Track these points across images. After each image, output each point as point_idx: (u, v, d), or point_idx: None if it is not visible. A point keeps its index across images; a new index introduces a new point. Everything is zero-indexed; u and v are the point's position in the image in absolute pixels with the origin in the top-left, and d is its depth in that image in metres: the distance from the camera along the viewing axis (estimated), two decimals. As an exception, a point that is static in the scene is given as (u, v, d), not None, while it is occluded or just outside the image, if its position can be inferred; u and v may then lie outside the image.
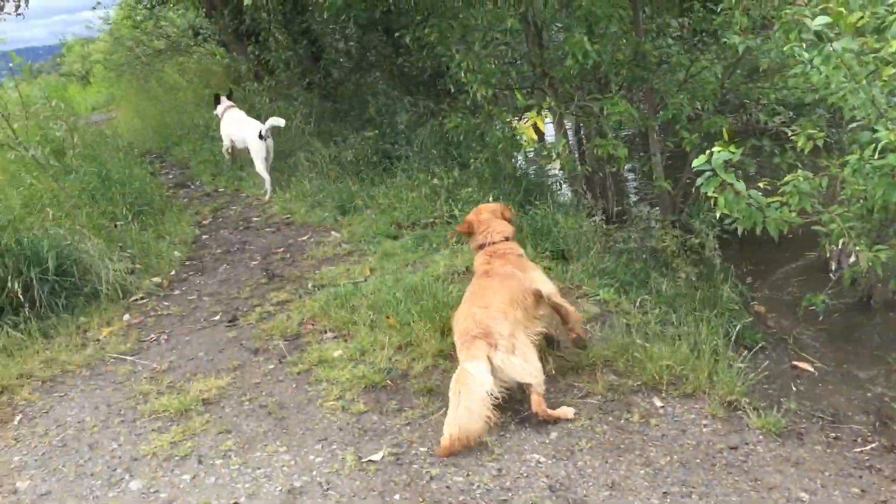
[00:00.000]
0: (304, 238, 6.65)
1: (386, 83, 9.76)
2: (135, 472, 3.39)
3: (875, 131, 3.50)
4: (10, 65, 6.22)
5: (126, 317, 5.18)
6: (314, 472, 3.26)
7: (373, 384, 3.91)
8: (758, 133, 6.27)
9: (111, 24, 18.51)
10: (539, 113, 4.94)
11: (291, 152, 8.73)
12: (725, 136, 3.69)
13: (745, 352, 4.26)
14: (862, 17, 3.46)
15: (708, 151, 3.55)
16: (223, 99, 9.01)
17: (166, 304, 5.42)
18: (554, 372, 3.95)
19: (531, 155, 6.08)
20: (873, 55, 3.45)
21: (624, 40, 6.27)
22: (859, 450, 3.41)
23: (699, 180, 3.66)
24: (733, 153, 3.48)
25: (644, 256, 5.51)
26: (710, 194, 3.65)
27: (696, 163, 3.60)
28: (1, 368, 4.40)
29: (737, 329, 4.40)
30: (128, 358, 4.58)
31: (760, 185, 3.78)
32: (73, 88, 21.42)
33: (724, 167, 3.56)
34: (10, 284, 4.85)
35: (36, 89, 6.91)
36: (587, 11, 5.72)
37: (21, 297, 4.86)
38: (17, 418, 3.98)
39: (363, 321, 4.57)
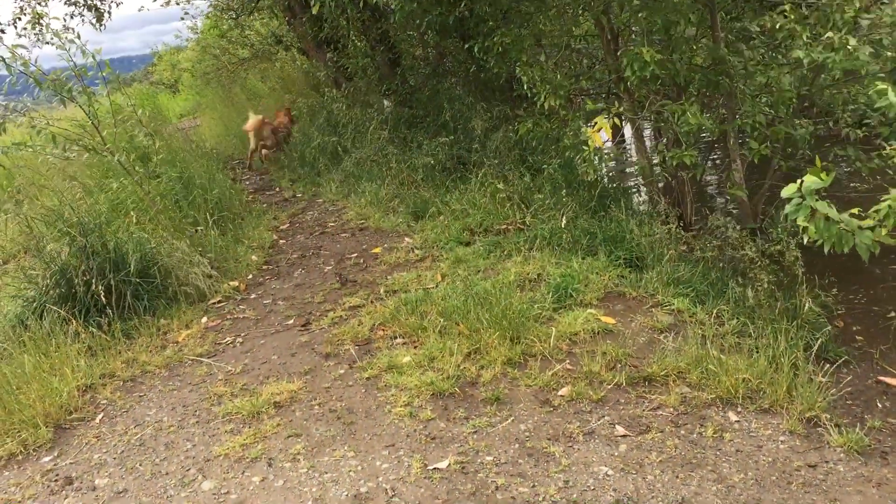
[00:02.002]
0: (378, 243, 6.71)
1: (462, 89, 9.78)
2: (207, 472, 3.48)
3: None
4: (102, 73, 6.46)
5: (204, 320, 5.33)
6: (380, 478, 3.28)
7: (441, 391, 3.91)
8: (842, 140, 6.01)
9: (199, 33, 19.12)
10: (608, 117, 4.85)
11: (367, 158, 8.83)
12: (817, 163, 3.56)
13: (828, 366, 4.09)
14: None
15: (799, 180, 3.42)
16: None
17: (242, 307, 5.55)
18: (624, 383, 3.88)
19: (585, 166, 5.97)
20: None
21: (698, 45, 6.11)
22: (949, 472, 3.23)
23: (787, 208, 3.54)
24: (824, 181, 3.35)
25: (721, 265, 5.36)
26: (799, 223, 3.52)
27: (785, 192, 3.48)
28: (85, 368, 4.57)
29: (819, 342, 4.24)
30: (204, 360, 4.70)
31: (855, 210, 3.62)
32: (163, 96, 22.21)
33: (815, 196, 3.42)
34: (95, 286, 5.04)
35: (122, 97, 7.14)
36: (650, 22, 5.62)
37: (105, 298, 5.04)
38: (99, 417, 4.14)
39: (433, 327, 4.58)
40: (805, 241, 3.59)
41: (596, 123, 4.85)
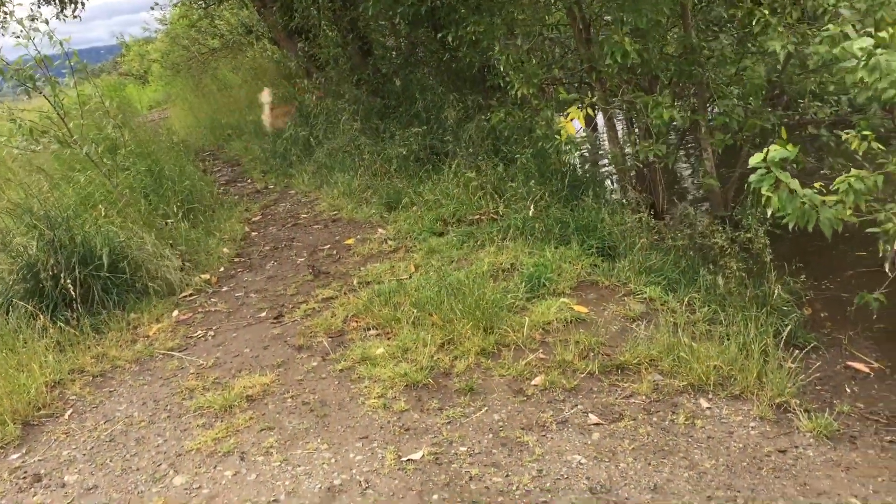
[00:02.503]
0: (351, 234, 6.67)
1: (434, 79, 9.75)
2: (178, 467, 3.45)
3: None
4: (69, 62, 6.35)
5: (175, 313, 5.28)
6: (353, 471, 3.27)
7: (414, 382, 3.90)
8: (814, 125, 6.07)
9: (168, 24, 18.88)
10: (581, 107, 4.87)
11: (340, 149, 8.79)
12: (783, 135, 3.61)
13: (797, 352, 4.13)
14: None
15: (765, 149, 3.46)
16: None
17: (214, 300, 5.50)
18: (597, 371, 3.90)
19: (567, 150, 5.94)
20: None
21: (670, 34, 6.14)
22: (915, 455, 3.29)
23: (752, 177, 3.57)
24: (790, 151, 3.38)
25: (692, 253, 5.39)
26: (763, 192, 3.56)
27: (752, 160, 3.51)
28: (54, 363, 4.50)
29: (788, 328, 4.28)
30: (175, 354, 4.66)
31: (816, 185, 3.66)
32: (132, 87, 21.94)
33: (781, 166, 3.46)
34: (63, 280, 4.97)
35: (90, 88, 7.02)
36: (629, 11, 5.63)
37: (74, 293, 4.97)
38: (68, 412, 4.08)
39: (406, 319, 4.57)
40: (769, 213, 3.63)
41: (569, 114, 4.87)
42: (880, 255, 3.80)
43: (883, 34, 3.33)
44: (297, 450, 3.47)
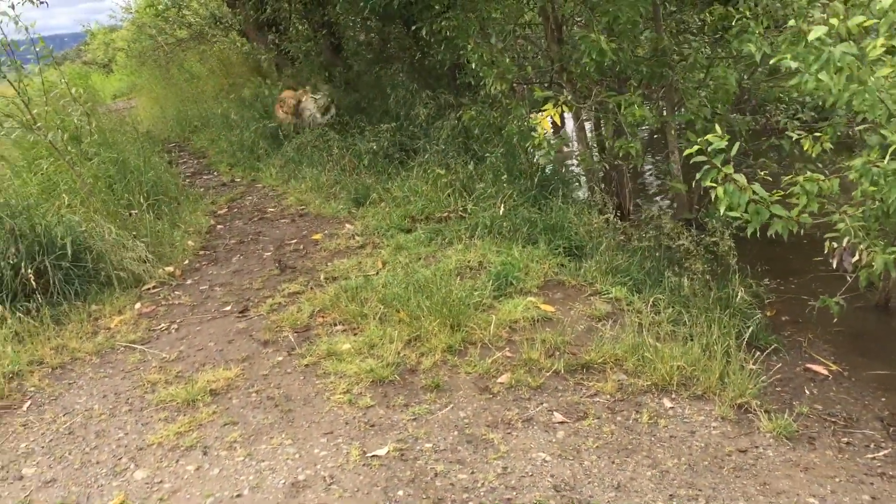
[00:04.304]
0: (318, 229, 6.63)
1: (405, 75, 9.73)
2: (140, 461, 3.40)
3: (883, 136, 3.44)
4: (35, 48, 6.23)
5: (137, 305, 5.20)
6: (318, 466, 3.25)
7: (380, 378, 3.89)
8: (777, 133, 6.18)
9: (133, 13, 18.57)
10: (556, 106, 4.90)
11: (308, 143, 8.73)
12: (717, 129, 3.68)
13: (758, 353, 4.20)
14: (864, 20, 3.40)
15: (701, 139, 3.52)
16: None
17: (178, 293, 5.43)
18: (563, 370, 3.92)
19: (542, 150, 5.96)
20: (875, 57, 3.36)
21: (643, 35, 6.20)
22: (871, 456, 3.36)
23: (699, 174, 3.64)
24: (723, 141, 3.44)
25: (658, 255, 5.45)
26: (708, 184, 3.62)
27: (686, 151, 3.57)
28: (12, 354, 4.41)
29: (750, 330, 4.35)
30: (138, 347, 4.59)
31: (760, 176, 3.73)
32: (96, 76, 21.56)
33: (722, 160, 3.52)
34: (23, 270, 4.87)
35: (55, 76, 6.90)
36: (604, 11, 5.67)
37: (34, 283, 4.87)
38: (26, 405, 4.00)
39: (373, 315, 4.55)
40: (721, 210, 3.68)
41: (545, 111, 4.90)
42: (825, 251, 3.87)
43: (833, 21, 3.33)
44: (261, 445, 3.44)
